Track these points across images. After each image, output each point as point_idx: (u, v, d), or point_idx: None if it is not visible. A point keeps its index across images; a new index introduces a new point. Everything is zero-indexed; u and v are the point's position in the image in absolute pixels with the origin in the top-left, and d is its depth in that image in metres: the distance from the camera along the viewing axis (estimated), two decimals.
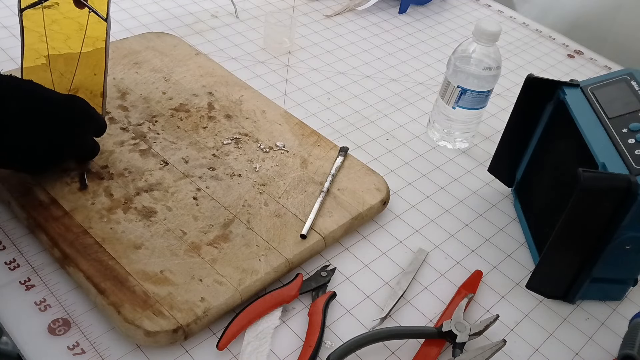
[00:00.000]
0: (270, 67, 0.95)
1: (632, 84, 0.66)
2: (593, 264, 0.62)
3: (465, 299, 0.62)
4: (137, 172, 0.69)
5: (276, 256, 0.63)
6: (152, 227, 0.63)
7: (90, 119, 0.66)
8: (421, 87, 0.98)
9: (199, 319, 0.56)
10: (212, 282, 0.59)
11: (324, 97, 0.91)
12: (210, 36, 1.00)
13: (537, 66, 1.09)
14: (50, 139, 0.61)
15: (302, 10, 1.12)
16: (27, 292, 0.58)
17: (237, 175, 0.71)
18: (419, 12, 1.19)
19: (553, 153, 0.72)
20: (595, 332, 0.65)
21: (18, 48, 0.69)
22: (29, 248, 0.62)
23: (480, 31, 0.77)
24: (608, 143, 0.62)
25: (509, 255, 0.72)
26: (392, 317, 0.62)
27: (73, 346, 0.55)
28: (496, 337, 0.61)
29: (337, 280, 0.65)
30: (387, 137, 0.86)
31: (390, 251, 0.69)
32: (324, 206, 0.69)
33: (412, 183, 0.79)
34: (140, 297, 0.56)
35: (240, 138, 0.76)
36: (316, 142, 0.78)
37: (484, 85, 0.79)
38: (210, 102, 0.81)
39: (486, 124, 0.91)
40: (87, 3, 0.68)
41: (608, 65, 1.11)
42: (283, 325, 0.60)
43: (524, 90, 0.71)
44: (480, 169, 0.83)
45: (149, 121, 0.76)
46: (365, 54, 1.03)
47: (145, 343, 0.55)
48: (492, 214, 0.77)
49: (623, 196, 0.57)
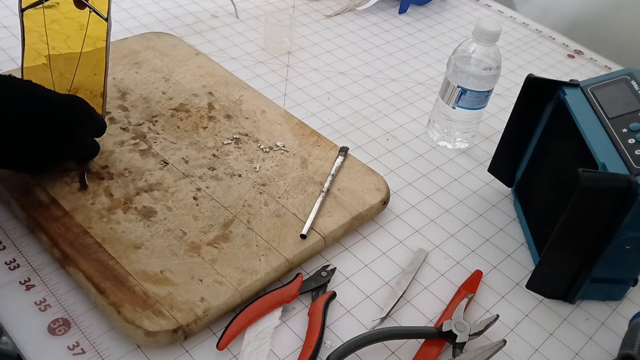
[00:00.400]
0: (270, 67, 0.95)
1: (632, 84, 0.66)
2: (593, 264, 0.62)
3: (465, 299, 0.62)
4: (137, 172, 0.69)
5: (276, 256, 0.63)
6: (152, 227, 0.63)
7: (90, 119, 0.66)
8: (421, 87, 0.98)
9: (199, 319, 0.56)
10: (212, 282, 0.59)
11: (324, 97, 0.91)
12: (210, 36, 1.00)
13: (537, 66, 1.09)
14: (50, 139, 0.61)
15: (302, 10, 1.12)
16: (27, 292, 0.58)
17: (237, 175, 0.71)
18: (419, 12, 1.20)
19: (553, 153, 0.72)
20: (595, 332, 0.65)
21: (18, 48, 0.69)
22: (29, 248, 0.62)
23: (480, 31, 0.77)
24: (608, 143, 0.62)
25: (509, 255, 0.72)
26: (392, 317, 0.62)
27: (73, 346, 0.55)
28: (496, 337, 0.61)
29: (337, 280, 0.65)
30: (387, 137, 0.86)
31: (390, 251, 0.69)
32: (324, 206, 0.69)
33: (412, 183, 0.79)
34: (140, 297, 0.56)
35: (240, 138, 0.76)
36: (316, 142, 0.78)
37: (484, 85, 0.79)
38: (210, 102, 0.81)
39: (486, 124, 0.91)
40: (87, 3, 0.68)
41: (608, 65, 1.11)
42: (283, 325, 0.60)
43: (524, 90, 0.71)
44: (480, 169, 0.83)
45: (149, 121, 0.76)
46: (365, 54, 1.03)
47: (145, 343, 0.55)
48: (492, 214, 0.77)
49: (623, 196, 0.57)
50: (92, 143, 0.68)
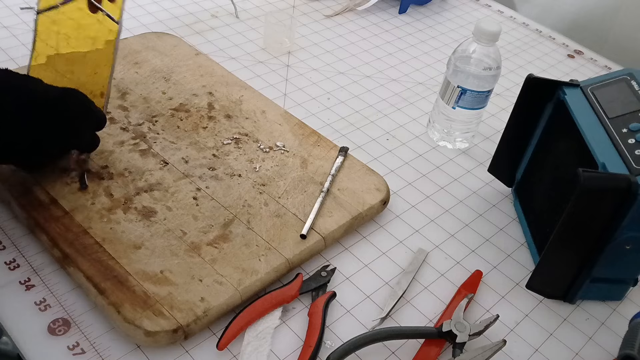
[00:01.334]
0: (270, 67, 0.95)
1: (632, 84, 0.66)
2: (593, 264, 0.62)
3: (465, 299, 0.62)
4: (137, 172, 0.69)
5: (276, 256, 0.63)
6: (152, 227, 0.63)
7: (88, 112, 0.65)
8: (421, 87, 0.98)
9: (199, 319, 0.56)
10: (212, 282, 0.59)
11: (324, 97, 0.91)
12: (210, 36, 1.00)
13: (537, 66, 1.09)
14: (47, 132, 0.61)
15: (302, 10, 1.12)
16: (27, 292, 0.58)
17: (237, 175, 0.71)
18: (419, 12, 1.19)
19: (553, 153, 0.72)
20: (595, 332, 0.65)
21: (18, 48, 0.69)
22: (29, 248, 0.62)
23: (480, 31, 0.77)
24: (608, 143, 0.62)
25: (509, 255, 0.72)
26: (392, 317, 0.62)
27: (73, 346, 0.55)
28: (496, 337, 0.61)
29: (337, 280, 0.65)
30: (387, 137, 0.86)
31: (390, 251, 0.69)
32: (324, 206, 0.69)
33: (412, 183, 0.79)
34: (140, 297, 0.56)
35: (240, 138, 0.76)
36: (316, 142, 0.78)
37: (484, 85, 0.79)
38: (210, 102, 0.81)
39: (486, 124, 0.91)
40: (100, 6, 0.69)
41: (608, 65, 1.11)
42: (283, 325, 0.60)
43: (524, 90, 0.71)
44: (480, 169, 0.83)
45: (149, 121, 0.76)
46: (365, 54, 1.03)
47: (145, 343, 0.55)
48: (492, 214, 0.77)
49: (623, 196, 0.57)
50: (92, 136, 0.68)
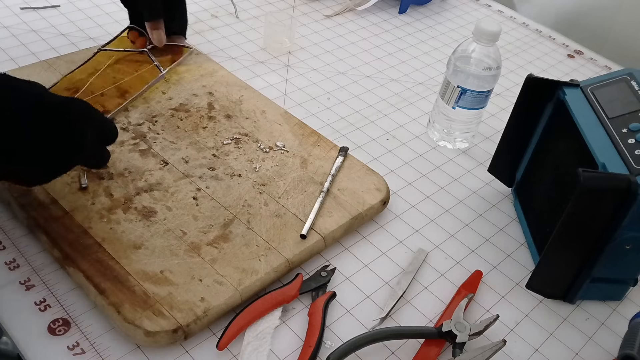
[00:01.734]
0: (270, 67, 0.95)
1: (632, 84, 0.66)
2: (593, 264, 0.62)
3: (465, 299, 0.62)
4: (137, 172, 0.69)
5: (276, 256, 0.63)
6: (152, 227, 0.63)
7: (89, 118, 0.60)
8: (421, 87, 0.98)
9: (198, 319, 0.56)
10: (212, 282, 0.59)
11: (324, 97, 0.91)
12: (210, 36, 1.00)
13: (537, 66, 1.09)
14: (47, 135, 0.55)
15: (302, 10, 1.12)
16: (27, 292, 0.58)
17: (237, 175, 0.71)
18: (419, 12, 1.19)
19: (553, 153, 0.72)
20: (595, 332, 0.65)
21: (18, 48, 0.70)
22: (29, 248, 0.62)
23: (480, 31, 0.77)
24: (608, 143, 0.62)
25: (509, 255, 0.72)
26: (392, 317, 0.62)
27: (73, 346, 0.55)
28: (496, 337, 0.61)
29: (337, 280, 0.65)
30: (387, 137, 0.86)
31: (390, 251, 0.69)
32: (324, 206, 0.69)
33: (412, 183, 0.79)
34: (140, 297, 0.56)
35: (240, 138, 0.76)
36: (316, 142, 0.78)
37: (484, 85, 0.79)
38: (210, 102, 0.81)
39: (486, 124, 0.91)
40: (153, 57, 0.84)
41: (608, 65, 1.11)
42: (283, 325, 0.60)
43: (524, 90, 0.71)
44: (480, 169, 0.83)
45: (149, 121, 0.76)
46: (365, 54, 1.03)
47: (145, 343, 0.55)
48: (492, 214, 0.77)
49: (623, 196, 0.57)
50: (101, 149, 0.63)
